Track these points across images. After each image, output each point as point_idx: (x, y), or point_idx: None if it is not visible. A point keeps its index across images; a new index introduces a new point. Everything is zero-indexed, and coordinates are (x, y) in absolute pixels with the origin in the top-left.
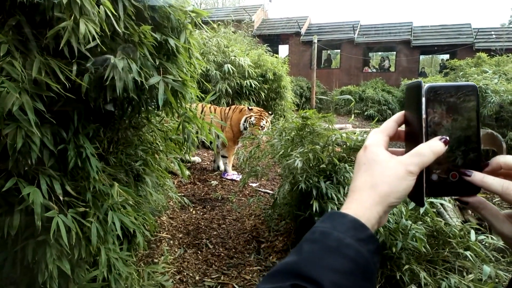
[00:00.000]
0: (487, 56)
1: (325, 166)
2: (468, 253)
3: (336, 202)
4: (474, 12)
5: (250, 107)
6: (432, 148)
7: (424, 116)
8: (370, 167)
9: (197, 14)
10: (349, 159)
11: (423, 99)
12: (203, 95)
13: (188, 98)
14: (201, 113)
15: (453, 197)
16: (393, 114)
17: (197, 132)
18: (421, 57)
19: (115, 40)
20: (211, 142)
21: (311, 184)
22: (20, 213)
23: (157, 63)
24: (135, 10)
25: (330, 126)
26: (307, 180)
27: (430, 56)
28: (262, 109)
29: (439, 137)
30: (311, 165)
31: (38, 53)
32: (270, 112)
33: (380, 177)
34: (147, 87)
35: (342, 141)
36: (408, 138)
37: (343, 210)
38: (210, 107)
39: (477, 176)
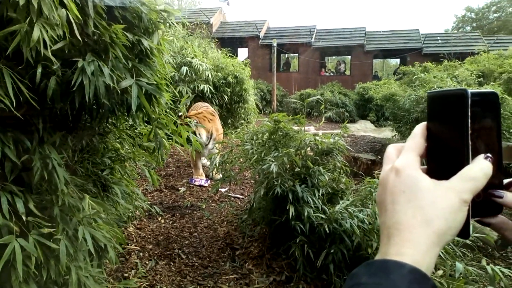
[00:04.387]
0: (433, 63)
1: (299, 169)
2: None
3: (312, 206)
4: (419, 18)
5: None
6: (484, 170)
7: (470, 131)
8: (414, 196)
9: (169, 14)
10: (322, 162)
11: (469, 112)
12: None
13: (163, 103)
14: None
15: (474, 219)
16: (350, 116)
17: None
18: (374, 61)
19: (85, 40)
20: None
21: (286, 188)
22: None
23: (130, 65)
24: (106, 8)
25: (302, 129)
26: (282, 184)
27: (381, 60)
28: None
29: (483, 155)
30: (285, 168)
31: None
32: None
33: (432, 210)
34: (118, 91)
35: (315, 144)
36: (434, 155)
37: (395, 257)
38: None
39: (510, 198)
